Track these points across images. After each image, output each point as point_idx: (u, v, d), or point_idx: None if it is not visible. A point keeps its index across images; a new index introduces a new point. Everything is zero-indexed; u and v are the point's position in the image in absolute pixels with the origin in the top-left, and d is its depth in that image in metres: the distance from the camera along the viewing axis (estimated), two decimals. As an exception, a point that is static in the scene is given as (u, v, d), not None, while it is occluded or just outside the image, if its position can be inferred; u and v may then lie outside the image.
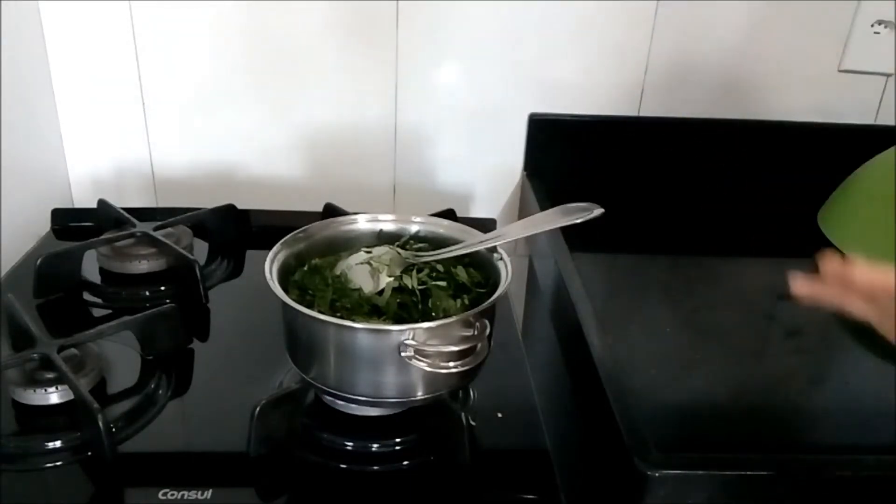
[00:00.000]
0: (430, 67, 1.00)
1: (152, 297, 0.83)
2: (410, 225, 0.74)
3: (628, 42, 0.99)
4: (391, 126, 1.03)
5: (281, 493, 0.59)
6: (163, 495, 0.56)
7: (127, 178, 1.05)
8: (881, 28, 0.98)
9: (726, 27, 0.99)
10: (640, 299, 0.83)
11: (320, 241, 0.72)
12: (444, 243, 0.71)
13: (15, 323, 0.72)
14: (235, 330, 0.80)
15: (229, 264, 0.92)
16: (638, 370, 0.67)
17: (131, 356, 0.71)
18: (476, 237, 0.70)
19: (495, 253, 0.68)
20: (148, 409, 0.66)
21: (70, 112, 1.01)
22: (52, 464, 0.60)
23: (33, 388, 0.64)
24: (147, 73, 0.99)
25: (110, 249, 0.86)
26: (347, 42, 0.98)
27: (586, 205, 0.64)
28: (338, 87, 1.01)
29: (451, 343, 0.60)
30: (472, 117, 1.03)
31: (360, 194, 1.03)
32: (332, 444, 0.63)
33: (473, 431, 0.60)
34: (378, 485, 0.61)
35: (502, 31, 0.98)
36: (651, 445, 0.54)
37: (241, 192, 1.01)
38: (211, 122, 1.02)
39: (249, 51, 0.98)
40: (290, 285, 0.67)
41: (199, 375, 0.72)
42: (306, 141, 1.04)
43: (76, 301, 0.83)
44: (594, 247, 0.92)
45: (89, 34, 0.96)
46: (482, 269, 0.69)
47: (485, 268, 0.69)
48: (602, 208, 0.63)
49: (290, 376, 0.69)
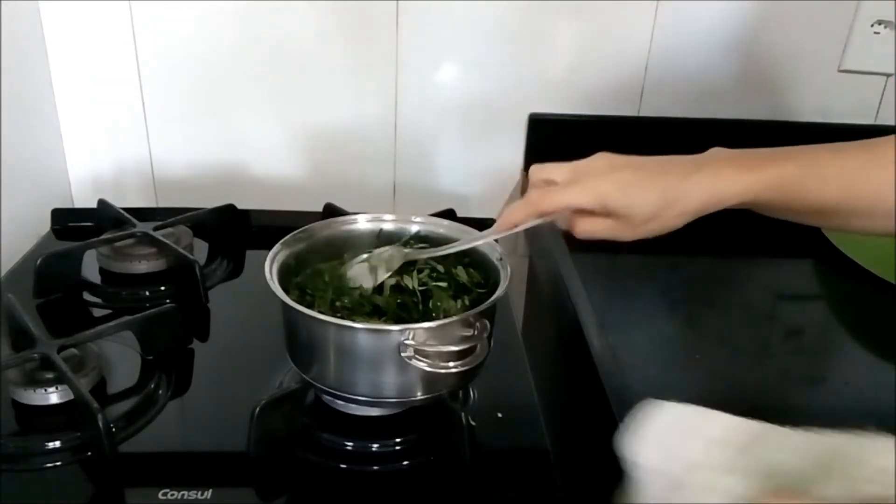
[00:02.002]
0: (430, 67, 1.00)
1: (152, 297, 0.83)
2: (410, 225, 0.74)
3: (628, 42, 0.99)
4: (391, 126, 1.03)
5: (281, 493, 0.59)
6: (163, 495, 0.56)
7: (127, 178, 1.05)
8: (881, 28, 0.98)
9: (726, 27, 0.99)
10: (640, 299, 0.83)
11: (320, 241, 0.72)
12: (444, 243, 0.71)
13: (15, 323, 0.72)
14: (235, 330, 0.80)
15: (229, 264, 0.92)
16: (638, 370, 0.67)
17: (131, 356, 0.71)
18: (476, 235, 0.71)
19: (495, 252, 0.69)
20: (148, 409, 0.66)
21: (70, 112, 1.01)
22: (52, 464, 0.60)
23: (33, 388, 0.64)
24: (147, 74, 0.99)
25: (110, 249, 0.86)
26: (347, 42, 0.98)
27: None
28: (338, 87, 1.01)
29: (451, 343, 0.60)
30: (471, 117, 1.03)
31: (360, 194, 1.03)
32: (332, 444, 0.63)
33: (473, 431, 0.60)
34: (378, 485, 0.61)
35: (502, 31, 0.98)
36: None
37: (241, 192, 1.01)
38: (211, 122, 1.02)
39: (249, 51, 0.98)
40: (291, 286, 0.67)
41: (199, 375, 0.72)
42: (306, 141, 1.04)
43: (76, 301, 0.83)
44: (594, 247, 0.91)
45: (89, 34, 0.96)
46: (482, 270, 0.69)
47: (485, 268, 0.69)
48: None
49: (290, 376, 0.69)
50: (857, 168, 0.56)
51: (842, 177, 0.56)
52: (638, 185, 0.57)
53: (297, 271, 0.69)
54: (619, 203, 0.57)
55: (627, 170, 0.58)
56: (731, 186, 0.56)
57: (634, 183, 0.57)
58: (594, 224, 0.59)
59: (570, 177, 0.60)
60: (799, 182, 0.56)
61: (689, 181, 0.56)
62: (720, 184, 0.56)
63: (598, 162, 0.60)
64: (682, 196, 0.56)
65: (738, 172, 0.56)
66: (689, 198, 0.56)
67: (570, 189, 0.58)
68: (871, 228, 0.58)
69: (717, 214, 0.58)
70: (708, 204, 0.57)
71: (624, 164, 0.59)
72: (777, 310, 0.82)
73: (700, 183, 0.56)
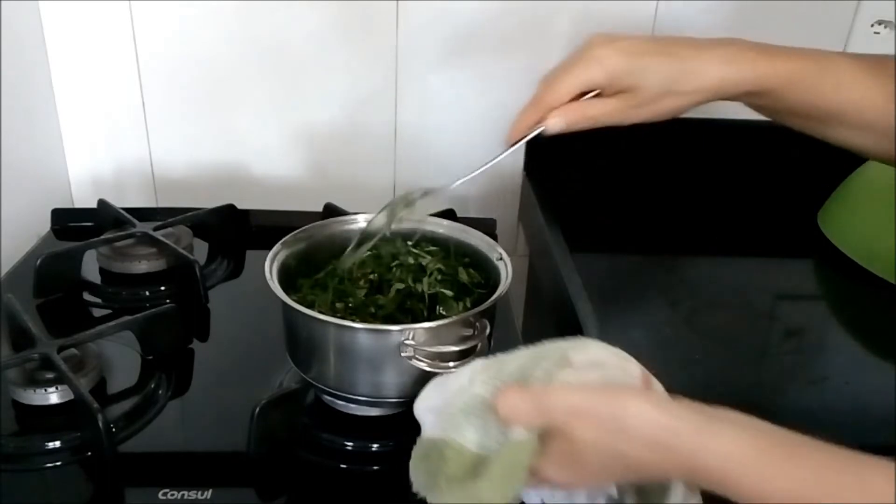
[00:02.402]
0: (431, 67, 1.00)
1: (152, 297, 0.83)
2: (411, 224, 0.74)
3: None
4: (391, 126, 1.03)
5: (281, 493, 0.59)
6: (163, 495, 0.56)
7: (127, 178, 1.05)
8: (881, 28, 0.98)
9: (726, 28, 0.99)
10: (640, 299, 0.83)
11: (320, 241, 0.72)
12: (444, 243, 0.72)
13: (15, 323, 0.72)
14: (235, 330, 0.80)
15: (229, 264, 0.92)
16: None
17: (131, 356, 0.71)
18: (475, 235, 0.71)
19: (495, 252, 0.69)
20: (148, 409, 0.66)
21: (70, 112, 1.01)
22: (52, 464, 0.60)
23: (33, 388, 0.64)
24: (147, 74, 0.99)
25: (110, 249, 0.86)
26: (347, 42, 0.98)
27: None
28: (338, 87, 1.01)
29: (451, 343, 0.60)
30: (471, 117, 1.03)
31: (360, 194, 1.03)
32: (332, 444, 0.64)
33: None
34: (378, 485, 0.61)
35: (502, 31, 0.98)
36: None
37: (241, 192, 1.01)
38: (211, 122, 1.02)
39: (249, 50, 0.98)
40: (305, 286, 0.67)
41: (199, 375, 0.72)
42: (306, 141, 1.04)
43: (76, 301, 0.83)
44: (594, 247, 0.92)
45: (89, 34, 0.96)
46: (482, 270, 0.69)
47: (485, 268, 0.69)
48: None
49: (290, 376, 0.69)
50: (870, 79, 0.54)
51: (855, 83, 0.54)
52: (648, 52, 0.53)
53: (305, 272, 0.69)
54: (631, 69, 0.52)
55: (634, 39, 0.54)
56: (752, 67, 0.53)
57: (645, 51, 0.53)
58: (601, 106, 0.54)
59: (568, 60, 0.56)
60: (816, 79, 0.54)
61: (708, 52, 0.53)
62: (741, 62, 0.53)
63: (596, 38, 0.55)
64: (699, 68, 0.53)
65: (761, 55, 0.54)
66: (707, 71, 0.53)
67: (573, 67, 0.54)
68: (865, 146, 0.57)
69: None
70: (726, 81, 0.53)
71: (626, 36, 0.55)
72: (777, 310, 0.82)
73: (720, 57, 0.53)
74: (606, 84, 0.53)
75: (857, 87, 0.55)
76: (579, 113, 0.55)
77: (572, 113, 0.55)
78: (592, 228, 0.96)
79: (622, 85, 0.53)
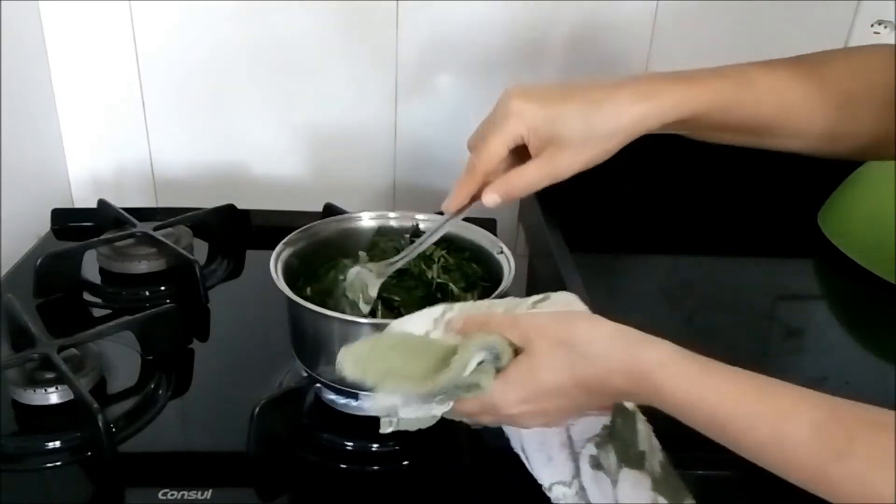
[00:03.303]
0: (430, 67, 1.00)
1: (152, 297, 0.83)
2: (413, 222, 0.74)
3: (628, 42, 0.99)
4: (391, 126, 1.03)
5: (281, 493, 0.59)
6: (163, 495, 0.56)
7: (127, 178, 1.05)
8: (881, 28, 0.98)
9: (725, 27, 0.99)
10: (640, 299, 0.83)
11: (324, 239, 0.72)
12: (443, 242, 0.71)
13: (15, 323, 0.72)
14: (235, 330, 0.81)
15: (229, 264, 0.92)
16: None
17: (131, 356, 0.71)
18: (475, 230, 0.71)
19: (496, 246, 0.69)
20: (148, 409, 0.66)
21: (70, 112, 1.01)
22: (52, 464, 0.60)
23: (33, 388, 0.64)
24: (147, 74, 0.99)
25: (110, 249, 0.86)
26: (347, 42, 0.98)
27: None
28: (338, 87, 1.01)
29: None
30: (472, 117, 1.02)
31: (360, 194, 1.03)
32: (332, 444, 0.64)
33: (473, 431, 0.60)
34: (378, 485, 0.61)
35: (502, 32, 0.98)
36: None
37: (241, 192, 1.01)
38: (211, 122, 1.02)
39: (249, 51, 0.98)
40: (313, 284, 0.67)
41: (199, 375, 0.72)
42: (306, 141, 1.04)
43: (76, 301, 0.83)
44: (594, 247, 0.92)
45: (89, 34, 0.96)
46: (483, 265, 0.70)
47: (486, 262, 0.69)
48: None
49: (290, 376, 0.69)
50: (791, 85, 0.54)
51: (774, 93, 0.54)
52: (563, 99, 0.53)
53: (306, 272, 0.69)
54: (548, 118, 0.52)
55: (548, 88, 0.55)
56: (669, 98, 0.53)
57: (560, 98, 0.53)
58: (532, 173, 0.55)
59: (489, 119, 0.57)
60: (735, 98, 0.54)
61: (621, 92, 0.53)
62: (656, 96, 0.53)
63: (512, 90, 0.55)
64: (615, 110, 0.53)
65: (676, 84, 0.54)
66: (623, 111, 0.53)
67: (495, 127, 0.55)
68: (807, 149, 0.57)
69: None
70: (646, 117, 0.53)
71: (540, 86, 0.55)
72: (777, 310, 0.82)
73: (634, 94, 0.53)
74: (530, 136, 0.54)
75: (777, 96, 0.54)
76: (511, 184, 0.56)
77: (503, 186, 0.56)
78: (592, 228, 0.95)
79: (544, 135, 0.53)
